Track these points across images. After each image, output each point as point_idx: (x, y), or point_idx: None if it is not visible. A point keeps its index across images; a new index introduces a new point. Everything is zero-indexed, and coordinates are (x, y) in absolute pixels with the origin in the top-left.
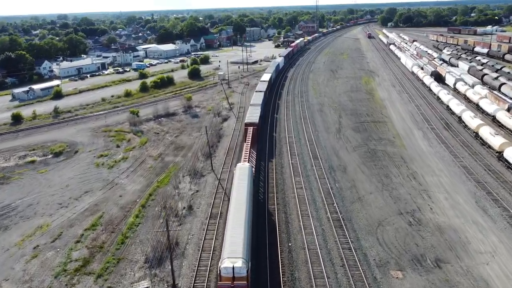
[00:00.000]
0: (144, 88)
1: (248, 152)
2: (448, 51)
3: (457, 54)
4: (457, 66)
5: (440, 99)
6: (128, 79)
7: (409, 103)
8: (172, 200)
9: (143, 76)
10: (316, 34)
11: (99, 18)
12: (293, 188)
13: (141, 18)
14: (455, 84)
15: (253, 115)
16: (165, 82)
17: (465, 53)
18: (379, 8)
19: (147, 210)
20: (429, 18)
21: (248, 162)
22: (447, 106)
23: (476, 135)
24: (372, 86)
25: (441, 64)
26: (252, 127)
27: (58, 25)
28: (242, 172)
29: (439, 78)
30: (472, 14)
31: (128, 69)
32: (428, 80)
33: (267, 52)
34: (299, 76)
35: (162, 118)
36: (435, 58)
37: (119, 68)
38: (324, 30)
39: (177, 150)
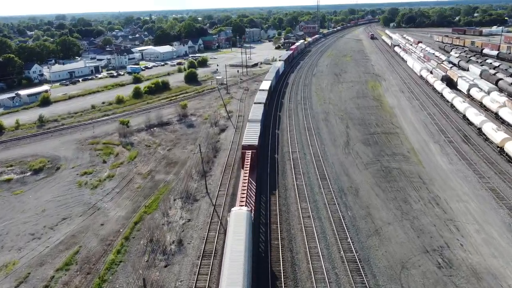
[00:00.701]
0: (137, 94)
1: (245, 186)
2: (456, 53)
3: (465, 56)
4: (468, 70)
5: (454, 107)
6: (121, 83)
7: (420, 111)
8: (160, 232)
9: (137, 80)
10: (317, 36)
11: (98, 19)
12: (299, 217)
13: (139, 19)
14: (469, 90)
15: (251, 134)
16: (160, 87)
17: (474, 56)
18: (380, 8)
19: (131, 243)
20: (432, 18)
21: (246, 205)
22: (464, 116)
23: (501, 151)
24: (380, 91)
25: (450, 67)
26: (250, 151)
27: (54, 26)
28: (238, 220)
29: (450, 83)
30: (475, 14)
31: (122, 73)
32: (440, 86)
33: (267, 54)
34: (301, 80)
35: (155, 128)
36: (443, 61)
37: (113, 72)
38: (325, 31)
39: (169, 166)
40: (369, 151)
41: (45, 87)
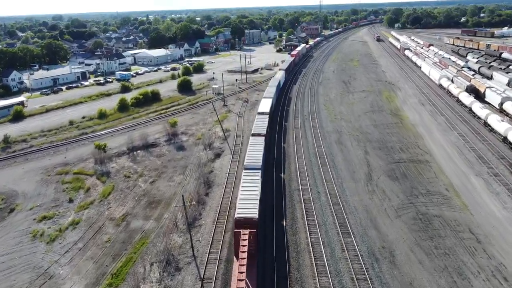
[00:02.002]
0: (122, 107)
1: None
2: (473, 57)
3: (485, 61)
4: (491, 78)
5: (489, 125)
6: (108, 92)
7: (449, 130)
8: None
9: (125, 89)
10: (318, 38)
11: (95, 19)
12: None
13: (137, 19)
14: (501, 104)
15: (248, 198)
16: (149, 99)
17: (494, 61)
18: (381, 8)
19: None
20: (438, 19)
21: None
22: (504, 138)
23: None
24: (396, 104)
25: (472, 75)
26: (248, 230)
27: (47, 27)
28: None
29: (475, 93)
30: (482, 15)
31: (110, 79)
32: (467, 99)
33: (268, 58)
34: (307, 90)
35: (139, 151)
36: (463, 67)
37: (101, 79)
38: (326, 33)
39: (150, 207)
40: (397, 188)
41: (21, 98)
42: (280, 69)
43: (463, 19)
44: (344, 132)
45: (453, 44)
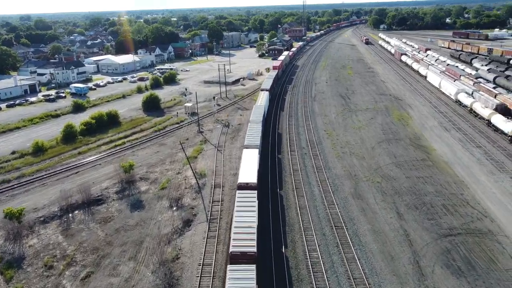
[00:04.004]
0: (68, 136)
1: None
2: (482, 65)
3: (497, 69)
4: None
5: None
6: (56, 113)
7: (498, 172)
8: None
9: (78, 108)
10: (301, 43)
11: (66, 19)
12: None
13: (108, 19)
14: None
15: None
16: (105, 123)
17: (507, 69)
18: (361, 8)
19: None
20: (425, 20)
21: None
22: None
23: None
24: (413, 128)
25: (494, 87)
26: None
27: (4, 29)
28: None
29: (507, 113)
30: (466, 15)
31: (63, 94)
32: (507, 125)
33: (250, 65)
34: (300, 109)
35: (76, 213)
36: (477, 78)
37: (52, 93)
38: (308, 37)
39: None
40: None
41: None
42: (262, 89)
43: (448, 20)
44: (359, 176)
45: (448, 48)
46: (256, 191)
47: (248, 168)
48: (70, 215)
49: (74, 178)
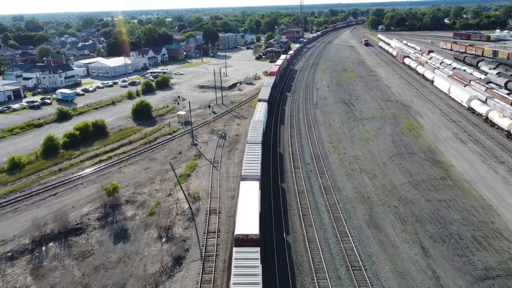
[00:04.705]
0: (50, 150)
1: None
2: (488, 67)
3: (506, 73)
4: None
5: None
6: (39, 122)
7: None
8: None
9: (63, 116)
10: (297, 45)
11: (59, 20)
12: None
13: (102, 20)
14: None
15: None
16: (90, 134)
17: None
18: (357, 9)
19: None
20: (424, 20)
21: None
22: None
23: None
24: (426, 139)
25: (508, 93)
26: None
27: None
28: None
29: None
30: (465, 16)
31: (49, 100)
32: None
33: (247, 68)
34: (301, 117)
35: (50, 245)
36: (488, 83)
37: (37, 99)
38: (305, 38)
39: None
40: None
41: None
42: (260, 99)
43: (446, 20)
44: (373, 199)
45: (451, 50)
46: (259, 248)
47: (247, 211)
48: (43, 248)
49: (52, 201)
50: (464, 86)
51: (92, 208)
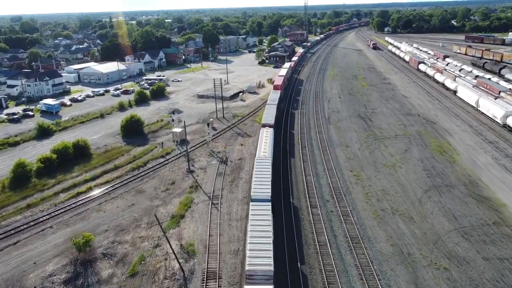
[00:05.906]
0: (20, 179)
1: None
2: None
3: None
4: None
5: None
6: (15, 140)
7: None
8: None
9: (44, 132)
10: (301, 50)
11: (58, 21)
12: None
13: (100, 21)
14: None
15: None
16: (70, 157)
17: None
18: (360, 10)
19: None
20: (432, 22)
21: None
22: None
23: None
24: (464, 167)
25: None
26: None
27: None
28: None
29: None
30: (473, 17)
31: (32, 112)
32: None
33: (250, 74)
34: (314, 142)
35: None
36: None
37: (18, 111)
38: (309, 42)
39: None
40: None
41: None
42: (265, 124)
43: (454, 22)
44: (416, 257)
45: (466, 54)
46: None
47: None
48: None
49: (10, 254)
50: (495, 99)
51: (59, 265)
